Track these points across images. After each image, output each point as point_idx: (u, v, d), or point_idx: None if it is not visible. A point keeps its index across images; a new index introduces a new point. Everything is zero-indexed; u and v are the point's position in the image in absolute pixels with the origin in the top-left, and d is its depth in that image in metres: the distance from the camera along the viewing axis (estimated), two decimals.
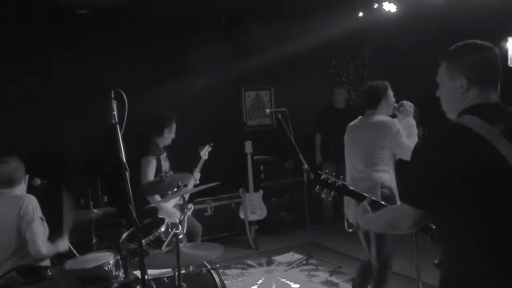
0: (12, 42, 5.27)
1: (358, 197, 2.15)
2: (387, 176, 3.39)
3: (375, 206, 2.07)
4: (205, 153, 4.83)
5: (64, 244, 3.32)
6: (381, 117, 3.47)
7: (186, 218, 4.44)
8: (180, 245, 2.66)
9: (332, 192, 2.19)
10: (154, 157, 4.29)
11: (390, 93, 3.56)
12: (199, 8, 5.97)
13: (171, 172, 4.48)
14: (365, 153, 3.43)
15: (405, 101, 3.56)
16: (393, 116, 3.56)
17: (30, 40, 5.35)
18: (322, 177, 2.16)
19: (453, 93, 1.78)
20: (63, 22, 5.50)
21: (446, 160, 1.62)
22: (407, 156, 3.26)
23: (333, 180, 2.17)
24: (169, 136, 4.49)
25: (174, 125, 4.52)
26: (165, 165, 4.47)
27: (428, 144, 1.71)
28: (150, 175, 4.20)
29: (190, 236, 4.44)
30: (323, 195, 2.20)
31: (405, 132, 3.40)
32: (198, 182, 4.61)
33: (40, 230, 3.10)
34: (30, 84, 5.28)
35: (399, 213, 1.79)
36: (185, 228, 4.38)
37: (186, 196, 4.56)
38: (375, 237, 3.37)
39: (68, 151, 5.42)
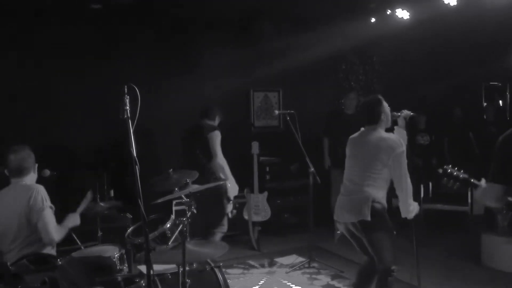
0: (26, 37, 5.33)
1: (475, 185, 2.54)
2: (380, 193, 3.36)
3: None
4: None
5: (75, 218, 3.43)
6: (388, 134, 3.46)
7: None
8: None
9: (456, 183, 2.55)
10: (219, 131, 4.73)
11: (386, 104, 3.55)
12: (212, 9, 6.00)
13: None
14: (363, 168, 3.39)
15: (405, 110, 3.62)
16: (390, 130, 3.57)
17: (44, 36, 5.40)
18: (448, 171, 2.54)
19: None
20: (75, 17, 5.55)
21: (505, 151, 2.40)
22: (399, 184, 3.31)
23: (456, 173, 2.55)
24: (215, 123, 4.96)
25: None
26: None
27: (501, 139, 2.45)
28: (219, 147, 4.68)
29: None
30: (449, 185, 2.56)
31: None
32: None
33: (51, 218, 3.17)
34: (43, 79, 5.34)
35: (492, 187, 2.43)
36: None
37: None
38: (372, 247, 3.33)
39: (78, 145, 5.47)
